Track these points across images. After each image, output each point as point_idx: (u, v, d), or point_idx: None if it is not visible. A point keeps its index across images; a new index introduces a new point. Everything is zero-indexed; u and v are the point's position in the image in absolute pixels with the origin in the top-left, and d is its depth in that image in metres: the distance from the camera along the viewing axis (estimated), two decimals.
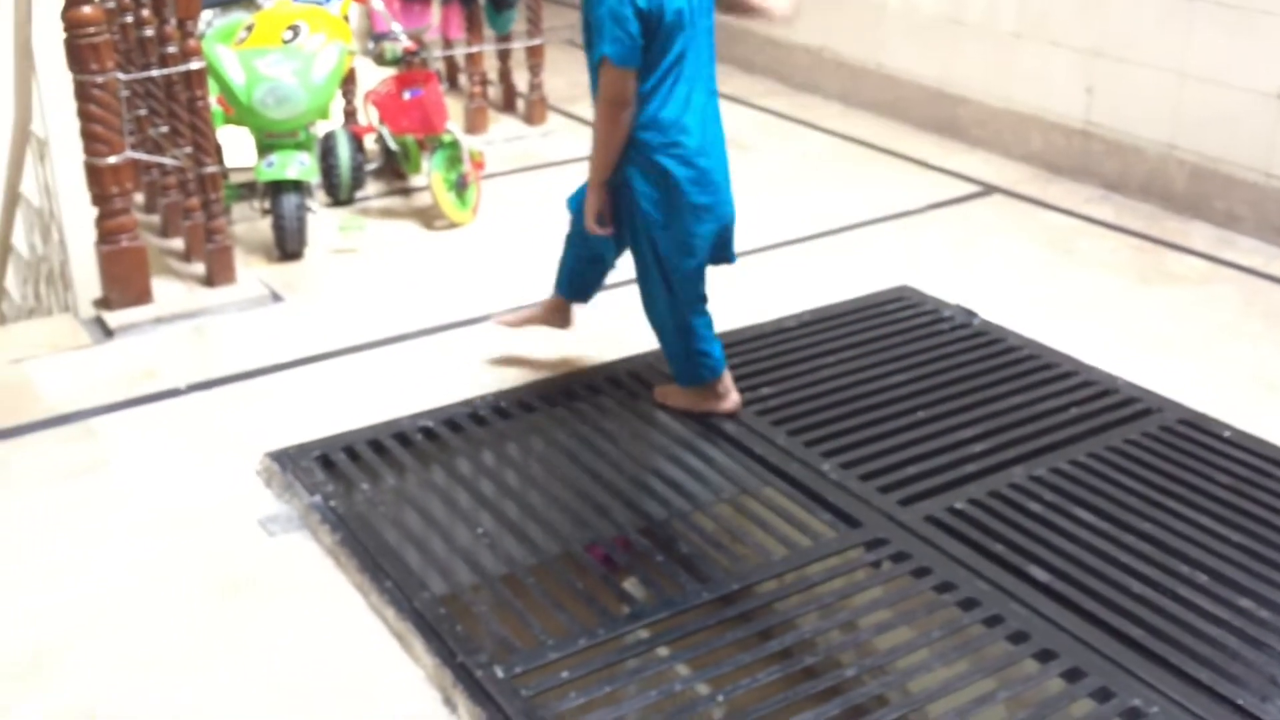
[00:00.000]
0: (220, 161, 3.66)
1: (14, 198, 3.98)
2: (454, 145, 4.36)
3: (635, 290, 3.90)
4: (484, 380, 3.30)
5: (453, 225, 4.38)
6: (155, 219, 4.20)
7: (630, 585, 2.49)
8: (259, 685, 2.21)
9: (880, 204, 4.68)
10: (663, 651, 2.31)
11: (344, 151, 4.47)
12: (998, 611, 2.40)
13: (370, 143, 4.80)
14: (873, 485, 2.80)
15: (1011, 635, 2.35)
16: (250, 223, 4.31)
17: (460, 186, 4.39)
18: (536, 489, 2.82)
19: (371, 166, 4.73)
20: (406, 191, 4.76)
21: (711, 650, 2.30)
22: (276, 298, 3.80)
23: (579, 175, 4.98)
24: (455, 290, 3.89)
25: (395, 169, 4.79)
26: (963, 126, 5.37)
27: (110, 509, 2.73)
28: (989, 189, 4.87)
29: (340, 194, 4.52)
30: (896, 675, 2.27)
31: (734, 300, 3.82)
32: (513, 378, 3.31)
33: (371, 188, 4.76)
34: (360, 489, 2.78)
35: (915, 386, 3.24)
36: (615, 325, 3.63)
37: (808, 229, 4.44)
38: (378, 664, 2.28)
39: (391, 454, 2.93)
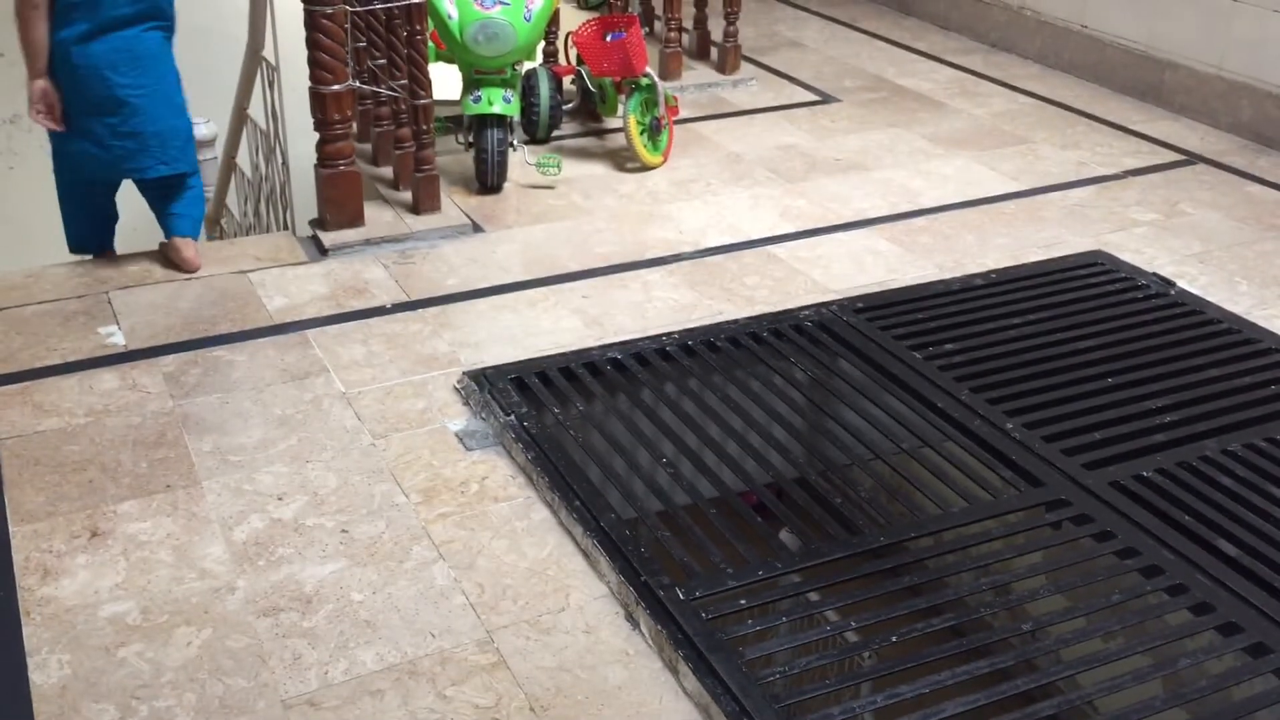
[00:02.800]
0: (432, 94, 3.82)
1: (241, 118, 4.24)
2: (650, 89, 4.45)
3: (826, 237, 3.94)
4: (671, 318, 3.40)
5: (644, 167, 4.48)
6: (367, 148, 4.42)
7: (802, 527, 2.56)
8: (455, 583, 2.37)
9: (1078, 167, 4.57)
10: (832, 595, 2.37)
11: (544, 90, 4.60)
12: (1181, 581, 2.38)
13: (568, 83, 4.93)
14: (1057, 447, 2.79)
15: (1194, 606, 2.33)
16: (454, 155, 4.49)
17: (654, 130, 4.47)
18: (718, 425, 2.91)
19: (568, 106, 4.86)
20: (601, 133, 4.87)
21: (885, 594, 2.36)
22: (477, 228, 3.97)
23: (770, 124, 5.05)
24: (644, 229, 3.99)
25: (591, 110, 4.91)
26: (1168, 93, 5.18)
27: (325, 412, 2.93)
28: (1193, 158, 4.70)
29: (538, 132, 4.66)
30: (1075, 634, 2.28)
31: (922, 255, 3.82)
32: (699, 317, 3.40)
33: (567, 127, 4.89)
34: (551, 412, 2.91)
35: (1106, 352, 3.20)
36: (802, 271, 3.68)
37: (998, 188, 4.38)
38: (565, 576, 2.41)
39: (581, 381, 3.05)
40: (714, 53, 5.61)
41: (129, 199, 3.63)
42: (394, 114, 4.10)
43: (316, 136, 3.72)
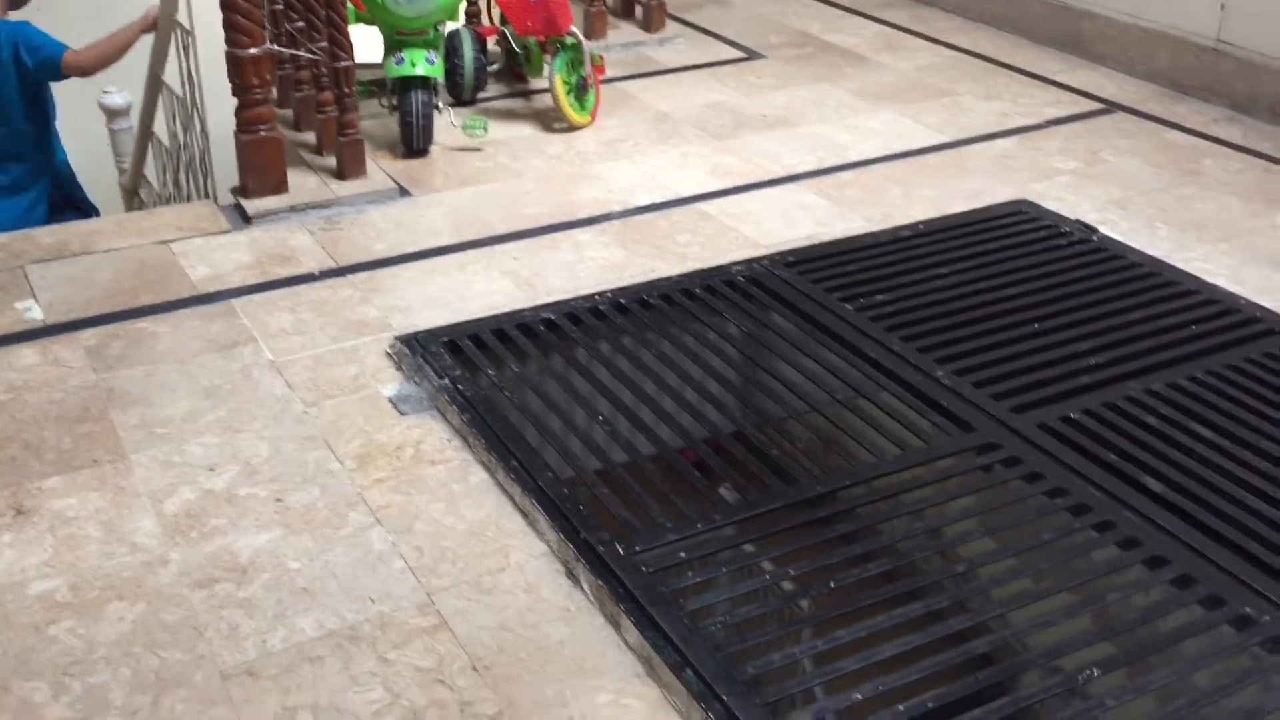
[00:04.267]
0: (353, 57, 3.76)
1: (156, 86, 4.13)
2: (576, 48, 4.41)
3: (755, 193, 3.94)
4: (603, 277, 3.39)
5: (572, 127, 4.44)
6: (289, 113, 4.33)
7: (740, 480, 2.57)
8: (393, 547, 2.35)
9: (999, 119, 4.62)
10: (769, 546, 2.40)
11: (468, 51, 4.54)
12: (1109, 518, 2.43)
13: (492, 44, 4.87)
14: (986, 392, 2.84)
15: (1122, 541, 2.39)
16: (378, 119, 4.42)
17: (580, 90, 4.44)
18: (654, 382, 2.91)
19: (493, 67, 4.80)
20: (527, 94, 4.82)
21: (820, 543, 2.39)
22: (404, 192, 3.92)
23: (697, 82, 5.03)
24: (574, 190, 3.97)
25: (516, 70, 4.85)
26: (1087, 42, 5.25)
27: (254, 382, 2.88)
28: (1112, 106, 4.77)
29: (463, 93, 4.61)
30: (1006, 574, 2.33)
31: (850, 208, 3.84)
32: (631, 275, 3.39)
33: (493, 89, 4.84)
34: (485, 374, 2.90)
35: (1031, 299, 3.25)
36: (732, 227, 3.69)
37: (923, 140, 4.41)
38: (504, 536, 2.40)
39: (515, 343, 3.04)
40: (639, 11, 5.57)
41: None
42: (315, 78, 4.02)
43: (235, 102, 3.64)
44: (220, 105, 3.69)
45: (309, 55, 3.87)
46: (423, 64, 4.03)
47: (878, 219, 3.80)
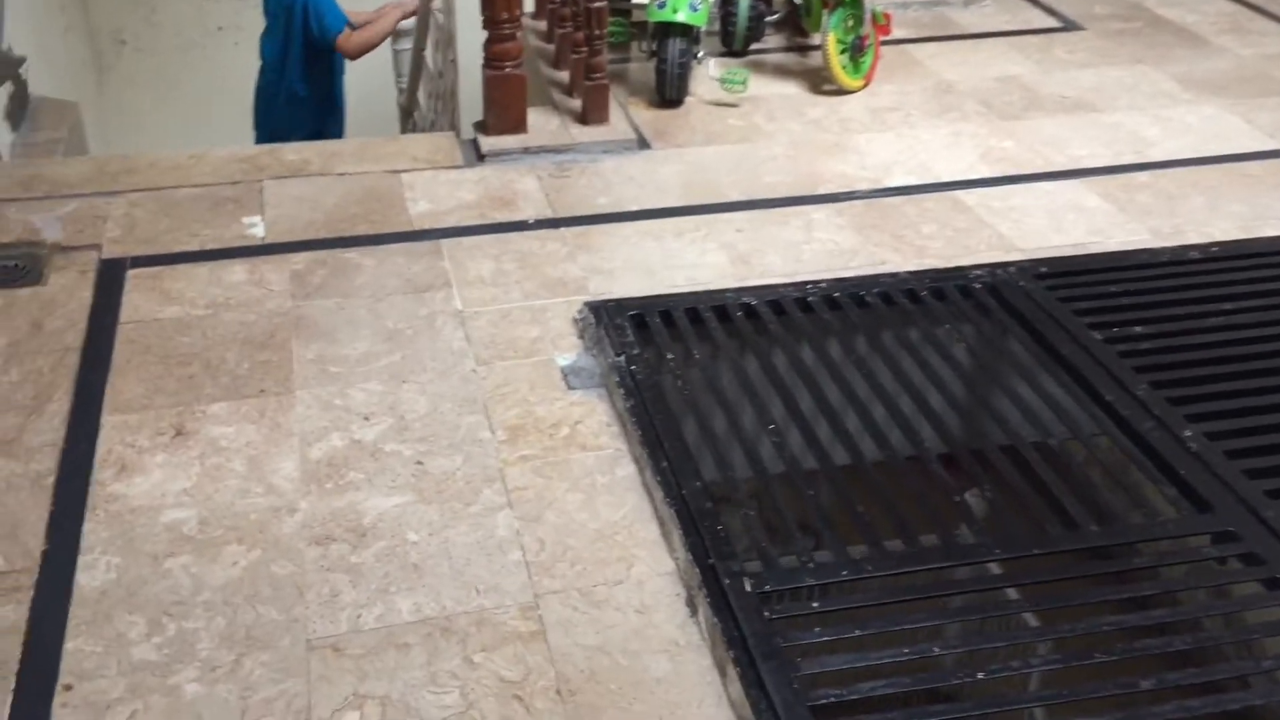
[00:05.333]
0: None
1: (427, 11, 4.14)
2: (856, 4, 4.05)
3: (1027, 186, 3.52)
4: (826, 264, 3.09)
5: (841, 91, 4.11)
6: (552, 48, 4.24)
7: (913, 522, 2.26)
8: (516, 535, 2.21)
9: None
10: (917, 611, 2.08)
11: (743, 6, 4.28)
12: None
13: None
14: (1239, 466, 2.37)
15: None
16: (641, 63, 4.25)
17: (856, 50, 4.09)
18: (841, 392, 2.61)
19: (773, 18, 4.51)
20: (804, 49, 4.51)
21: (979, 617, 2.05)
22: (644, 144, 3.74)
23: (996, 51, 4.54)
24: (823, 160, 3.66)
25: (798, 23, 4.55)
26: None
27: (436, 330, 2.81)
28: None
29: (734, 44, 4.36)
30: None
31: (1135, 216, 3.34)
32: (856, 266, 3.08)
33: (770, 40, 4.56)
34: (666, 358, 2.69)
35: None
36: (988, 223, 3.28)
37: (1248, 144, 3.79)
38: (633, 544, 2.21)
39: (706, 326, 2.81)
40: None
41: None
42: (574, 15, 3.88)
43: (485, 35, 3.56)
44: (473, 37, 3.62)
45: None
46: (685, 9, 3.81)
47: (1165, 233, 3.29)
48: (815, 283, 2.97)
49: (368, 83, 5.65)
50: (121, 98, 5.89)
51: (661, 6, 3.83)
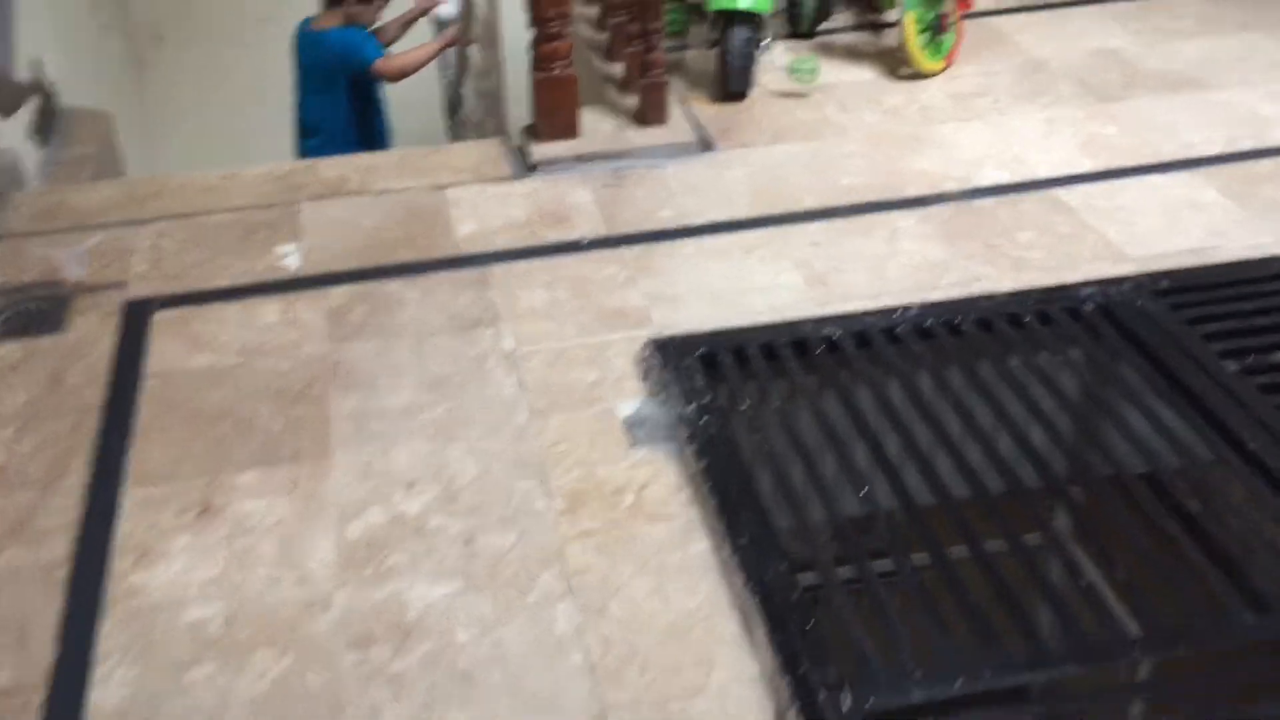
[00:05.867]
0: None
1: (471, 3, 3.85)
2: None
3: (1135, 180, 3.19)
4: (914, 281, 2.78)
5: (920, 75, 3.77)
6: (604, 38, 3.94)
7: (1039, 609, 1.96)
8: (579, 633, 1.96)
9: None
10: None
11: None
12: None
13: None
14: None
15: None
16: (701, 50, 3.94)
17: (937, 29, 3.74)
18: (935, 433, 2.31)
19: None
20: (877, 27, 4.17)
21: None
22: (706, 145, 3.43)
23: (1090, 21, 4.15)
24: (905, 157, 3.33)
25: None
26: None
27: (486, 374, 2.55)
28: None
29: (802, 25, 4.02)
30: None
31: (1261, 214, 2.97)
32: (949, 283, 2.76)
33: (840, 18, 4.21)
34: (740, 405, 2.41)
35: None
36: (1094, 227, 2.94)
37: None
38: (712, 642, 1.94)
39: (784, 363, 2.52)
40: None
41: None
42: (627, 5, 3.57)
43: (532, 33, 3.27)
44: (520, 33, 3.34)
45: None
46: None
47: None
48: (903, 309, 2.66)
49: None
50: (163, 96, 5.69)
51: None
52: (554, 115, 3.33)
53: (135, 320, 2.77)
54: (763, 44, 3.64)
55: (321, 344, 2.67)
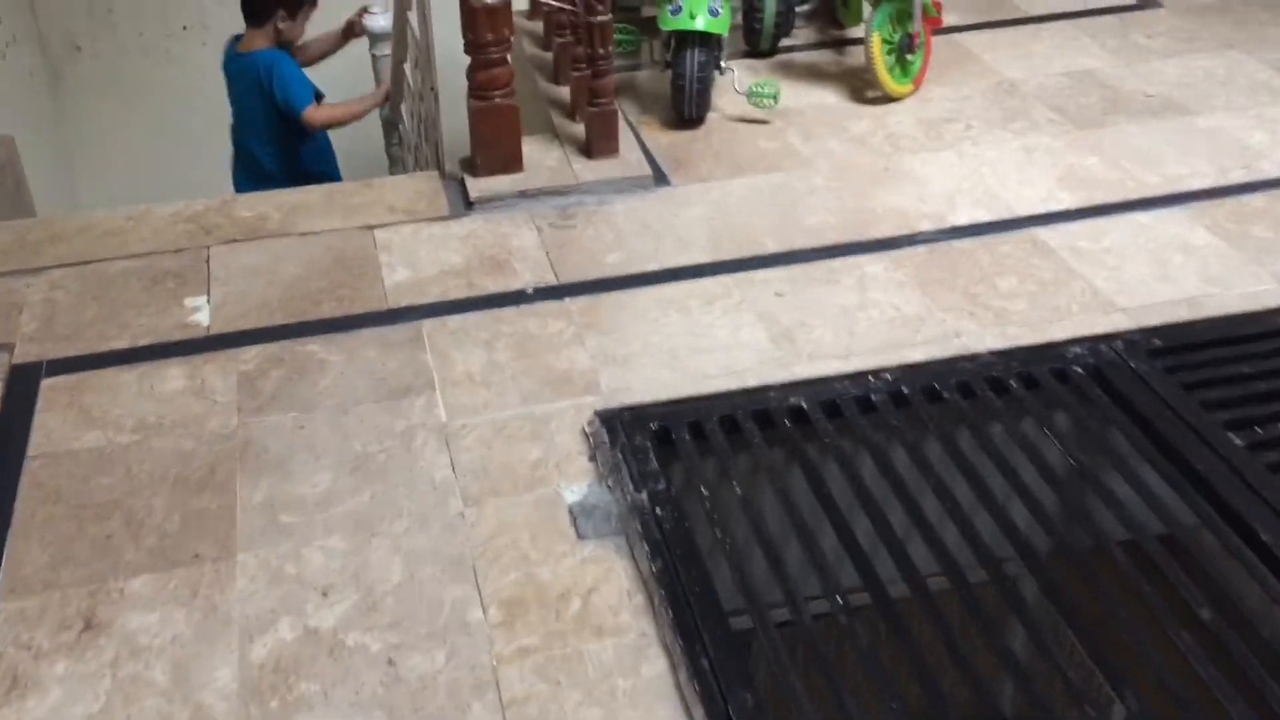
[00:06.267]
0: (610, 10, 3.00)
1: (402, 20, 3.57)
2: None
3: (1119, 219, 2.96)
4: (887, 338, 2.54)
5: (887, 98, 3.53)
6: (550, 58, 3.66)
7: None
8: None
9: None
10: None
11: None
12: None
13: None
14: None
15: None
16: (654, 71, 3.67)
17: (904, 49, 3.50)
18: (913, 519, 2.08)
19: (804, 8, 3.92)
20: (840, 44, 3.92)
21: None
22: (661, 178, 3.17)
23: (1063, 38, 3.92)
24: (874, 192, 3.09)
25: (832, 13, 3.95)
26: None
27: (415, 455, 2.28)
28: None
29: (761, 43, 3.77)
30: None
31: (1257, 257, 2.75)
32: (925, 339, 2.53)
33: (800, 34, 3.96)
34: (698, 490, 2.16)
35: None
36: (1079, 272, 2.71)
37: None
38: None
39: (747, 439, 2.27)
40: None
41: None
42: (573, 25, 3.30)
43: (467, 60, 2.99)
44: (456, 57, 3.06)
45: (557, 4, 3.15)
46: (704, 15, 3.23)
47: None
48: (877, 372, 2.42)
49: (343, 86, 5.11)
50: (81, 109, 5.35)
51: (676, 12, 3.25)
52: (494, 147, 3.06)
53: (20, 389, 2.47)
54: (720, 66, 3.38)
55: (230, 417, 2.39)
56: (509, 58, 2.99)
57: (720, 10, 3.25)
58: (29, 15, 5.06)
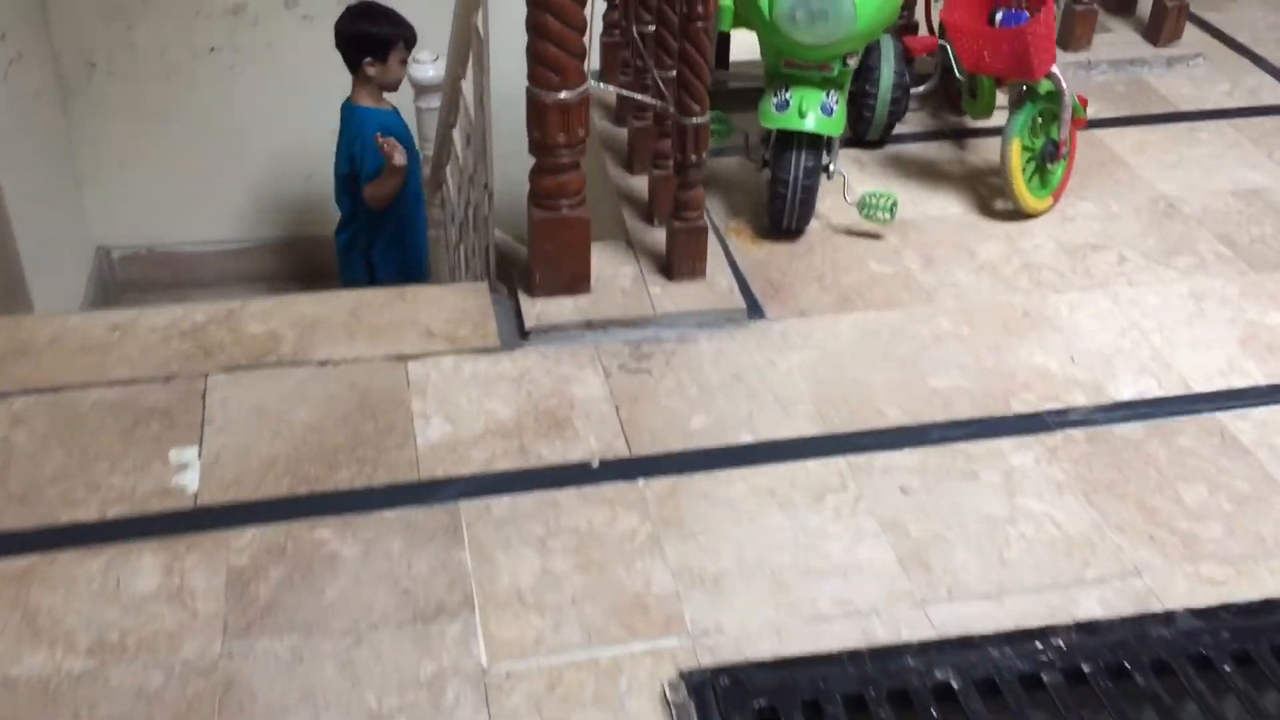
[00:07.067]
0: (707, 110, 2.47)
1: (454, 88, 3.04)
2: (1052, 99, 2.91)
3: None
4: (1051, 571, 2.00)
5: (1019, 211, 2.98)
6: (623, 134, 3.13)
7: None
8: None
9: None
10: None
11: (886, 73, 3.13)
12: None
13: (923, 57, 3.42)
14: None
15: None
16: (741, 159, 3.13)
17: (1047, 157, 2.95)
18: None
19: (920, 90, 3.37)
20: (961, 134, 3.37)
21: None
22: (755, 310, 2.63)
23: (1223, 142, 3.34)
24: (1011, 344, 2.54)
25: (953, 97, 3.40)
26: None
27: (445, 712, 1.76)
28: None
29: (869, 131, 3.22)
30: None
31: None
32: (1097, 575, 1.98)
33: (912, 117, 3.41)
34: None
35: None
36: None
37: None
38: None
39: None
40: (1142, 5, 3.90)
41: None
42: (659, 118, 2.75)
43: (531, 161, 2.46)
44: (514, 148, 2.54)
45: (647, 100, 2.62)
46: (815, 114, 2.69)
47: None
48: (1044, 634, 1.87)
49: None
50: (93, 131, 4.85)
51: (782, 108, 2.70)
52: (557, 266, 2.53)
53: None
54: (829, 171, 2.84)
55: (212, 639, 1.87)
56: (582, 162, 2.46)
57: (835, 107, 2.71)
58: (40, 28, 4.56)
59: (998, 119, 3.11)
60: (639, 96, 2.66)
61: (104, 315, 2.54)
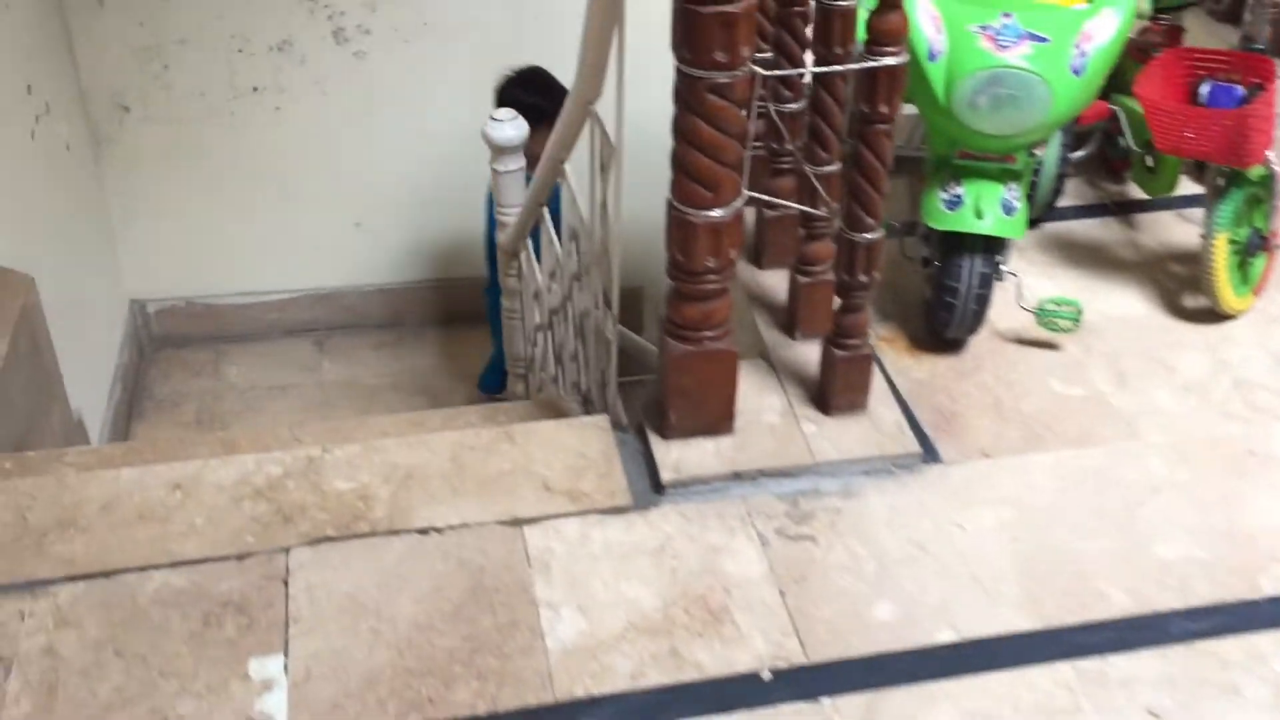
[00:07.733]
0: (881, 224, 2.05)
1: (555, 171, 2.61)
2: (1266, 185, 2.48)
3: None
4: None
5: (1212, 311, 2.55)
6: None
7: None
8: None
9: None
10: None
11: (1053, 148, 2.70)
12: None
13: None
14: None
15: None
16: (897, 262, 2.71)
17: (1250, 249, 2.52)
18: None
19: (1077, 155, 2.93)
20: (1127, 207, 2.94)
21: None
22: (928, 451, 2.22)
23: None
24: (1241, 493, 2.12)
25: (1113, 165, 2.97)
26: None
27: None
28: None
29: (1031, 211, 2.79)
30: None
31: None
32: None
33: (1070, 187, 2.97)
34: None
35: None
36: None
37: None
38: None
39: None
40: None
41: None
42: (803, 219, 2.33)
43: (670, 284, 2.05)
44: (649, 269, 2.13)
45: (805, 209, 2.20)
46: (994, 213, 2.27)
47: None
48: None
49: (450, 201, 4.30)
50: (127, 179, 4.45)
51: (954, 206, 2.28)
52: (698, 405, 2.12)
53: None
54: (1001, 272, 2.41)
55: None
56: (729, 285, 2.04)
57: (1017, 205, 2.29)
58: (69, 71, 4.15)
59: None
60: (799, 207, 2.23)
61: (161, 469, 2.14)
